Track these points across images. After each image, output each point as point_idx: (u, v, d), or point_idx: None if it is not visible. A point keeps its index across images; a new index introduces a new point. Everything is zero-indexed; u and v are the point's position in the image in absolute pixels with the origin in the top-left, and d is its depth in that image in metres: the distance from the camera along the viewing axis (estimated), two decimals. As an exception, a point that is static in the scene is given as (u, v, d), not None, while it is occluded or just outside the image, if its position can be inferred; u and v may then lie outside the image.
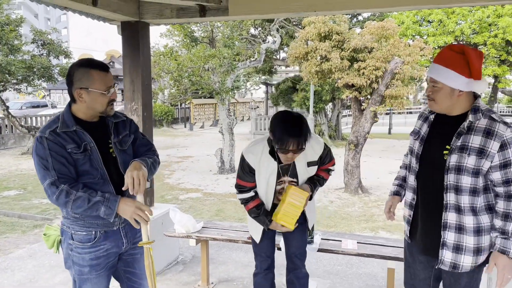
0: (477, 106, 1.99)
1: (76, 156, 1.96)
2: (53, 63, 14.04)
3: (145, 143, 2.27)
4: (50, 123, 2.00)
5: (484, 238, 1.99)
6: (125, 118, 2.24)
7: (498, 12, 13.21)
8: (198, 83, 10.04)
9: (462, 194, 1.97)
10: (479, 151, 1.93)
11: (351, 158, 8.38)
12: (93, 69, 1.97)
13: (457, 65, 1.94)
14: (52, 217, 6.76)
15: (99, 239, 2.08)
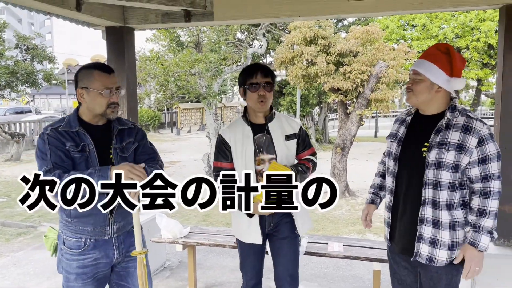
0: (454, 105, 2.07)
1: (73, 154, 1.98)
2: (37, 68, 13.89)
3: (148, 151, 2.21)
4: (55, 122, 2.06)
5: (459, 233, 2.05)
6: (133, 126, 2.23)
7: (480, 16, 13.45)
8: (185, 88, 10.02)
9: (441, 190, 2.02)
10: (458, 146, 1.98)
11: (338, 161, 8.43)
12: (95, 70, 2.01)
13: (440, 61, 2.04)
14: (37, 224, 6.66)
15: (88, 247, 2.04)
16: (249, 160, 2.45)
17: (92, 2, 3.16)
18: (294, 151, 2.54)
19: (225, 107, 27.82)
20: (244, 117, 2.54)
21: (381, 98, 8.22)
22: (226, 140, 2.51)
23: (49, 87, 20.03)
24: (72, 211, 1.97)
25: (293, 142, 2.52)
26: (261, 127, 2.50)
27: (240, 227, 2.57)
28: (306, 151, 2.59)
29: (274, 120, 2.52)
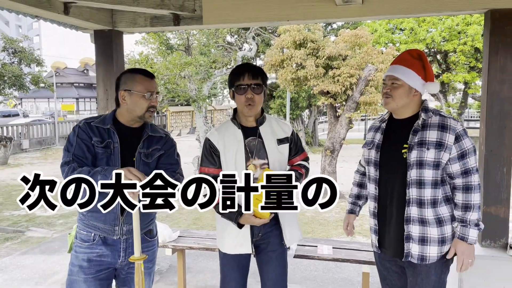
0: (426, 107, 2.14)
1: (97, 150, 2.04)
2: (24, 71, 13.75)
3: (172, 162, 2.20)
4: (91, 117, 2.14)
5: (446, 228, 2.10)
6: (165, 135, 2.26)
7: (467, 20, 13.64)
8: (174, 91, 9.99)
9: (424, 188, 2.07)
10: (437, 144, 2.04)
11: (328, 164, 8.47)
12: (137, 74, 2.11)
13: (415, 66, 2.12)
14: (24, 229, 6.58)
15: (97, 242, 2.09)
16: (240, 166, 2.27)
17: (80, 6, 3.14)
18: (286, 155, 2.39)
19: (215, 110, 27.80)
20: (234, 119, 2.36)
21: (370, 101, 8.29)
22: (214, 144, 2.32)
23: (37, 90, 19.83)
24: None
25: (286, 146, 2.38)
26: (252, 131, 2.33)
27: (226, 238, 2.38)
28: (299, 156, 2.45)
29: (265, 123, 2.37)
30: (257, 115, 2.34)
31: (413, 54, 2.18)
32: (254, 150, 2.30)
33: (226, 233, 2.36)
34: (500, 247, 2.96)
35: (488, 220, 2.96)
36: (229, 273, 2.42)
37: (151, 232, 2.30)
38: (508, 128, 2.92)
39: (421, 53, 2.18)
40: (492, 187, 2.94)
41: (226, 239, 2.38)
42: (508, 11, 2.85)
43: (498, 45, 2.89)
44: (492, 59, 2.91)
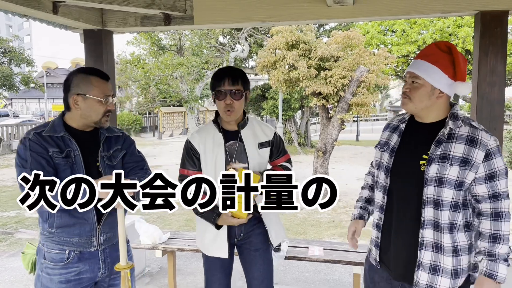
0: (456, 113, 1.83)
1: (57, 161, 1.86)
2: (14, 71, 13.62)
3: (136, 159, 2.12)
4: (38, 126, 1.94)
5: (462, 259, 1.80)
6: (121, 133, 2.14)
7: (458, 22, 13.75)
8: (166, 91, 9.97)
9: (442, 210, 1.78)
10: (463, 160, 1.75)
11: (320, 165, 8.48)
12: (92, 76, 1.93)
13: (442, 62, 1.79)
14: (14, 231, 6.50)
15: (73, 259, 1.92)
16: (220, 169, 2.26)
17: (69, 5, 3.11)
18: (267, 159, 2.40)
19: (208, 111, 27.75)
20: (215, 122, 2.37)
21: (361, 102, 8.31)
22: (195, 146, 2.33)
23: (27, 91, 19.68)
24: (56, 220, 1.87)
25: (267, 150, 2.38)
26: (233, 134, 2.34)
27: (205, 239, 2.39)
28: (281, 157, 2.46)
29: (247, 126, 2.37)
30: (238, 119, 2.34)
31: (441, 46, 1.83)
32: (235, 153, 2.31)
33: (206, 234, 2.38)
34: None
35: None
36: (212, 274, 2.43)
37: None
38: (498, 130, 2.93)
39: (451, 46, 1.82)
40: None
41: (205, 240, 2.39)
42: (498, 13, 2.86)
43: (488, 47, 2.90)
44: (482, 61, 2.92)
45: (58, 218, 1.88)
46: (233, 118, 2.30)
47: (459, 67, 1.78)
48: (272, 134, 2.42)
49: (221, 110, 2.28)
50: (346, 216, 7.33)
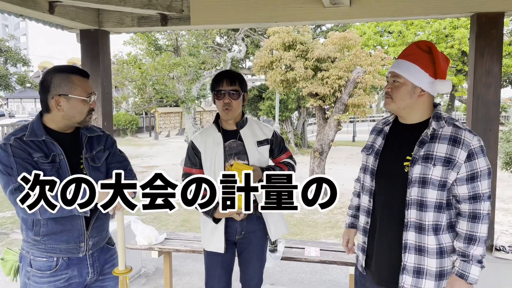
0: (439, 113, 1.82)
1: (43, 166, 1.78)
2: (10, 71, 13.56)
3: (119, 159, 2.08)
4: (16, 131, 1.84)
5: (447, 261, 1.80)
6: (102, 133, 2.08)
7: (454, 24, 13.82)
8: (163, 92, 9.94)
9: (426, 210, 1.77)
10: (446, 160, 1.74)
11: (316, 165, 8.49)
12: (73, 75, 1.85)
13: (422, 61, 1.80)
14: (9, 231, 6.47)
15: (61, 266, 1.87)
16: (219, 166, 2.39)
17: (66, 5, 3.10)
18: (267, 156, 2.51)
19: (205, 111, 27.73)
20: (216, 123, 2.51)
21: (358, 103, 8.33)
22: (196, 146, 2.49)
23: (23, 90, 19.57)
24: (42, 228, 1.82)
25: (266, 147, 2.49)
26: (232, 134, 2.47)
27: (205, 233, 2.51)
28: (283, 154, 2.57)
29: (246, 126, 2.49)
30: (236, 118, 2.47)
31: (422, 46, 1.84)
32: (234, 151, 2.43)
33: (205, 229, 2.51)
34: (486, 248, 2.97)
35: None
36: (212, 270, 2.52)
37: (111, 240, 2.12)
38: (493, 131, 2.95)
39: (431, 45, 1.83)
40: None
41: (205, 234, 2.52)
42: (494, 15, 2.88)
43: (484, 48, 2.91)
44: (478, 63, 2.93)
45: (44, 226, 1.82)
46: (231, 116, 2.42)
47: (439, 66, 1.79)
48: (271, 133, 2.53)
49: (220, 109, 2.41)
50: (343, 216, 7.34)
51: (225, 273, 2.51)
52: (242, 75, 2.49)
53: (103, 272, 2.02)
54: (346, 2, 2.91)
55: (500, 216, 7.09)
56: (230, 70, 2.53)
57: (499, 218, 6.95)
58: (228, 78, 2.39)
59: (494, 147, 2.95)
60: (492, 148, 2.94)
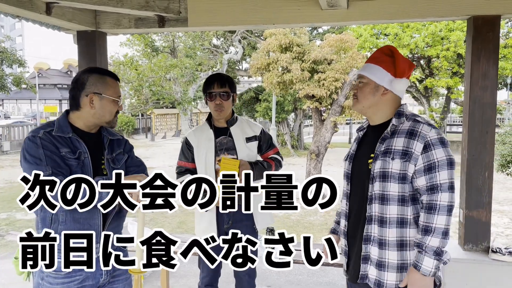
0: (401, 111, 1.90)
1: (69, 162, 1.83)
2: (6, 72, 13.50)
3: (137, 163, 2.15)
4: (44, 125, 1.91)
5: (410, 254, 1.81)
6: (121, 137, 2.16)
7: (449, 26, 13.86)
8: (159, 93, 9.94)
9: (389, 204, 1.80)
10: (403, 153, 1.78)
11: (313, 167, 8.50)
12: (108, 76, 1.97)
13: (384, 63, 1.90)
14: (4, 233, 6.44)
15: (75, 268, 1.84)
16: (210, 161, 2.65)
17: (63, 6, 3.09)
18: (255, 152, 2.75)
19: (201, 113, 27.70)
20: (208, 121, 2.76)
21: (354, 105, 8.35)
22: (190, 142, 2.74)
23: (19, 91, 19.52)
24: (60, 226, 1.83)
25: (254, 143, 2.73)
26: (223, 131, 2.71)
27: (199, 225, 2.77)
28: (270, 150, 2.81)
29: (235, 124, 2.73)
30: (227, 117, 2.71)
31: (384, 50, 1.96)
32: (224, 147, 2.67)
33: (200, 221, 2.76)
34: (482, 250, 2.99)
35: (470, 224, 2.99)
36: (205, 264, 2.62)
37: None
38: (489, 133, 2.96)
39: (393, 49, 1.94)
40: (474, 191, 2.98)
41: (198, 226, 2.78)
42: (490, 18, 2.89)
43: (480, 51, 2.93)
44: (474, 65, 2.95)
45: (63, 223, 1.83)
46: (223, 116, 2.67)
47: (399, 66, 1.88)
48: (259, 130, 2.78)
49: (212, 110, 2.67)
50: (339, 218, 7.36)
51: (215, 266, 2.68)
52: (231, 78, 2.74)
53: (116, 274, 2.02)
54: (344, 4, 2.92)
55: (495, 218, 7.12)
56: (220, 73, 2.75)
57: (495, 220, 6.98)
58: (219, 80, 2.63)
59: (490, 149, 2.96)
60: (489, 150, 2.96)
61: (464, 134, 3.04)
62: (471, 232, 3.00)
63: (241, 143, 2.67)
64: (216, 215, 2.67)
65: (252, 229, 2.71)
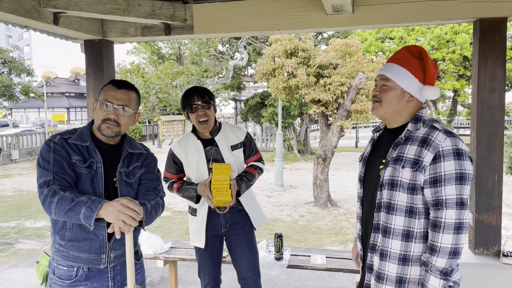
0: (420, 116, 1.77)
1: (79, 170, 1.83)
2: (14, 81, 13.65)
3: (152, 178, 2.05)
4: (65, 132, 1.93)
5: (410, 269, 1.71)
6: (145, 151, 2.08)
7: (455, 29, 13.82)
8: (166, 100, 9.99)
9: (395, 214, 1.71)
10: (414, 162, 1.67)
11: (320, 172, 8.47)
12: (109, 84, 1.95)
13: (413, 66, 1.76)
14: (14, 241, 6.47)
15: (81, 277, 1.85)
16: (202, 170, 2.70)
17: (70, 16, 3.12)
18: (242, 158, 2.81)
19: (207, 119, 27.73)
20: (193, 132, 2.78)
21: (361, 109, 8.32)
22: (176, 154, 2.78)
23: (27, 100, 19.70)
24: (67, 233, 1.83)
25: (240, 150, 2.78)
26: (209, 141, 2.74)
27: (191, 231, 2.82)
28: (253, 156, 2.87)
29: (219, 133, 2.75)
30: (210, 127, 2.71)
31: (412, 51, 1.80)
32: (211, 157, 2.72)
33: (191, 227, 2.82)
34: (493, 254, 2.96)
35: (480, 228, 2.97)
36: (202, 263, 2.80)
37: (137, 254, 2.06)
38: (498, 135, 2.93)
39: (422, 50, 1.79)
40: (484, 194, 2.95)
41: (191, 232, 2.82)
42: (496, 20, 2.88)
43: (487, 53, 2.91)
44: (481, 68, 2.93)
45: (70, 230, 1.84)
46: (208, 129, 2.68)
47: (429, 72, 1.75)
48: (243, 135, 2.83)
49: (196, 123, 2.67)
50: (347, 223, 7.31)
51: (213, 265, 2.79)
52: (207, 89, 2.79)
53: (122, 285, 1.97)
54: (349, 9, 2.92)
55: (506, 221, 7.04)
56: (197, 86, 2.79)
57: (506, 223, 6.91)
58: (198, 93, 2.66)
59: (499, 151, 2.94)
60: (498, 153, 2.93)
61: (473, 137, 3.02)
62: (481, 236, 2.97)
63: (226, 151, 2.72)
64: (212, 221, 2.72)
65: (250, 229, 2.79)
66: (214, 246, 2.76)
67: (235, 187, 2.61)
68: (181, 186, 2.74)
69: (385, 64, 1.86)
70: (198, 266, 2.83)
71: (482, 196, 2.96)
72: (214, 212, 2.70)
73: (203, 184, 2.61)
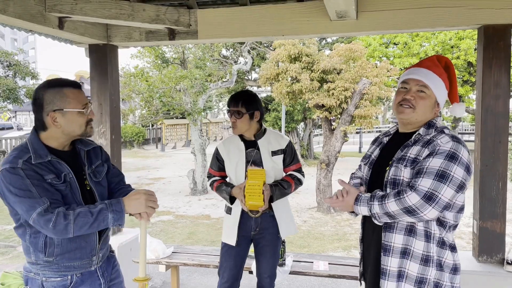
0: (433, 123, 1.77)
1: (58, 187, 1.75)
2: (19, 84, 13.72)
3: (116, 173, 2.11)
4: (19, 153, 1.74)
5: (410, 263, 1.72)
6: (96, 145, 2.05)
7: (459, 35, 13.80)
8: (170, 104, 9.99)
9: None
10: (413, 161, 1.69)
11: (323, 177, 8.45)
12: (65, 88, 1.78)
13: (444, 77, 1.73)
14: (16, 244, 6.48)
15: (75, 284, 1.85)
16: (240, 170, 2.79)
17: (75, 20, 3.14)
18: (280, 165, 2.84)
19: (211, 123, 27.80)
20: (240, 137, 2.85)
21: (364, 114, 8.31)
22: (220, 153, 2.90)
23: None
24: (56, 249, 1.79)
25: (279, 157, 2.82)
26: (252, 143, 2.81)
27: (224, 228, 2.88)
28: (292, 165, 2.88)
29: (263, 137, 2.82)
30: (252, 131, 2.81)
31: (442, 61, 1.76)
32: (252, 159, 2.79)
33: (225, 224, 2.89)
34: (497, 262, 2.94)
35: (484, 235, 2.95)
36: (225, 260, 2.85)
37: (110, 247, 2.12)
38: (503, 143, 2.92)
39: (450, 64, 1.75)
40: (488, 202, 2.94)
41: (224, 229, 2.89)
42: (501, 27, 2.87)
43: (492, 60, 2.91)
44: (486, 74, 2.92)
45: (59, 246, 1.80)
46: (237, 132, 2.79)
47: (455, 87, 1.75)
48: (285, 144, 2.86)
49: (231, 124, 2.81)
50: (350, 229, 7.28)
51: (235, 265, 2.83)
52: (249, 96, 2.78)
53: (113, 283, 2.03)
54: (353, 15, 2.92)
55: (510, 228, 6.99)
56: (239, 92, 2.81)
57: (510, 230, 6.86)
58: (233, 100, 2.75)
59: (503, 158, 2.92)
60: (502, 160, 2.92)
61: (477, 144, 3.01)
62: (485, 243, 2.95)
63: (266, 156, 2.78)
64: (244, 223, 2.79)
65: (277, 237, 2.83)
66: (242, 246, 2.83)
67: (268, 193, 2.67)
68: (219, 186, 2.85)
69: (417, 69, 1.79)
70: (220, 263, 2.89)
71: (486, 203, 2.94)
72: (246, 214, 2.79)
73: (238, 187, 2.72)
